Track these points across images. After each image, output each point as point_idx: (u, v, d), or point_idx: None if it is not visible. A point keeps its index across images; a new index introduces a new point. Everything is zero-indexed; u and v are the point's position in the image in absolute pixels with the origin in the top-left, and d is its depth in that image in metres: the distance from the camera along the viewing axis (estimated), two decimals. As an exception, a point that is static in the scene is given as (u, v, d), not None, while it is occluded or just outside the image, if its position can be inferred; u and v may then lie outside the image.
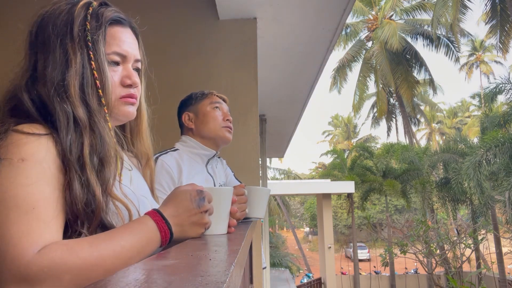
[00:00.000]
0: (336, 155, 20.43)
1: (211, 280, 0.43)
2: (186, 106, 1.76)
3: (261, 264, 2.76)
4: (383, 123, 29.83)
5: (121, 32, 0.86)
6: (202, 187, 0.83)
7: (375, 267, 24.55)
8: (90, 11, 0.81)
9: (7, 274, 0.59)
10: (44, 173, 0.67)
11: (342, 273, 23.28)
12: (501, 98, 20.70)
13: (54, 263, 0.59)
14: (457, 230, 14.79)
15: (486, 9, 16.36)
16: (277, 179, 28.13)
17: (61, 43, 0.78)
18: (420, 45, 32.45)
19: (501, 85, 12.99)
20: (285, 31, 3.12)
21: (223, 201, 0.94)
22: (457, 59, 21.26)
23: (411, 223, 14.61)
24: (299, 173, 41.42)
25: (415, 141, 25.08)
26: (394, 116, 26.38)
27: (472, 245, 12.46)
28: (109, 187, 0.75)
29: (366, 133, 72.74)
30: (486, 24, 16.83)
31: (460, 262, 12.64)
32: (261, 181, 4.82)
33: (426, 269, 13.83)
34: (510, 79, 12.73)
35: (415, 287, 21.25)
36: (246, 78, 2.75)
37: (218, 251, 0.67)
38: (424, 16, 22.89)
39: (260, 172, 4.19)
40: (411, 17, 22.69)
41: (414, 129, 29.15)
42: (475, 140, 18.59)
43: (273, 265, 17.53)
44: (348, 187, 15.02)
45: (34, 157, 0.68)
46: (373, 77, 22.82)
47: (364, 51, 23.46)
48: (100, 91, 0.79)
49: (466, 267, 14.79)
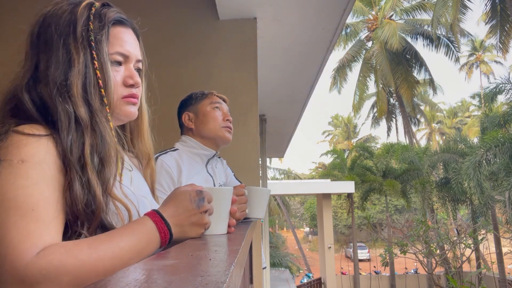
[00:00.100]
0: (336, 155, 20.42)
1: (211, 280, 0.43)
2: (186, 106, 1.77)
3: (261, 264, 2.76)
4: (383, 123, 29.87)
5: (123, 32, 0.86)
6: (201, 187, 0.83)
7: (375, 267, 24.54)
8: (93, 12, 0.81)
9: (6, 276, 0.59)
10: (44, 174, 0.67)
11: (342, 273, 23.27)
12: (501, 98, 20.71)
13: (53, 265, 0.59)
14: (457, 230, 14.79)
15: (486, 9, 16.37)
16: (277, 179, 28.11)
17: (64, 43, 0.78)
18: (420, 45, 32.50)
19: (501, 85, 13.00)
20: (285, 31, 3.12)
21: (223, 201, 0.93)
22: (457, 59, 21.27)
23: (411, 223, 14.60)
24: (299, 173, 41.42)
25: (415, 141, 25.08)
26: (394, 116, 26.37)
27: (472, 245, 12.47)
28: (109, 187, 0.75)
29: (366, 133, 72.78)
30: (486, 24, 16.82)
31: (460, 262, 12.64)
32: (261, 181, 4.81)
33: (426, 269, 13.83)
34: (510, 79, 12.74)
35: (415, 287, 21.24)
36: (246, 78, 2.75)
37: (218, 251, 0.67)
38: (424, 16, 22.91)
39: (260, 172, 4.18)
40: (411, 17, 22.69)
41: (414, 129, 29.17)
42: (475, 140, 18.59)
43: (273, 265, 17.52)
44: (348, 187, 15.02)
45: (34, 158, 0.67)
46: (373, 77, 22.82)
47: (364, 51, 23.45)
48: (103, 90, 0.79)
49: (466, 267, 14.79)
